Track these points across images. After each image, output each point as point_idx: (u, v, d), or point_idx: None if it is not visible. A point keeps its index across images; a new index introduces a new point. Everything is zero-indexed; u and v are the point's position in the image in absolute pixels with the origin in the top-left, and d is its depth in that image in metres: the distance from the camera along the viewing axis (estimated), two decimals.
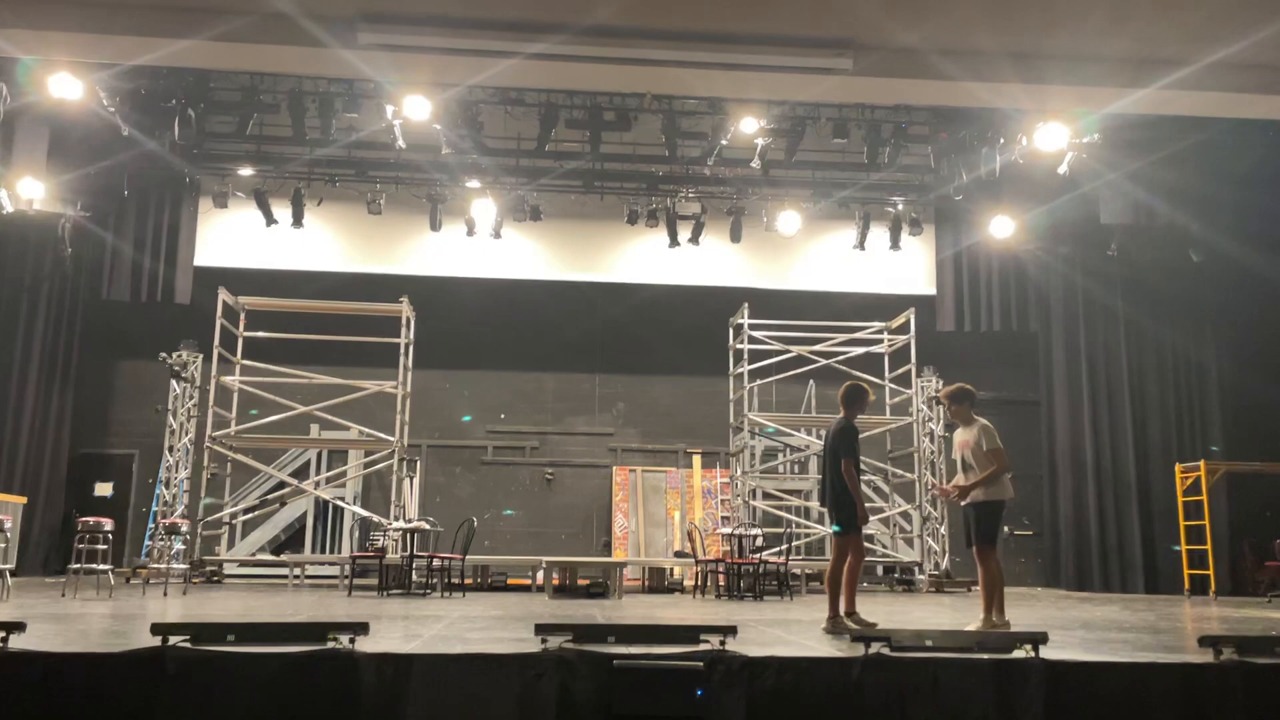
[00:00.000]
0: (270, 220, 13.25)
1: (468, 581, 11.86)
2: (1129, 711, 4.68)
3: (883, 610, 8.93)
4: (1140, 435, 14.36)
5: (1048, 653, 4.91)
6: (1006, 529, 7.76)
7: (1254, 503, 13.73)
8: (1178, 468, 13.68)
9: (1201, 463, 13.26)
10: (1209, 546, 12.91)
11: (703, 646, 4.91)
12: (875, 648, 4.90)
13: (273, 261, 14.43)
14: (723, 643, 4.90)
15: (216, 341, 12.82)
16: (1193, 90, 9.49)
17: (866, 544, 13.85)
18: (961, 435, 7.04)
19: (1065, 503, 14.42)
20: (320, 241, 14.60)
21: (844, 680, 4.74)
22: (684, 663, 4.72)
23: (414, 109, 10.57)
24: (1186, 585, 13.23)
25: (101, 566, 9.52)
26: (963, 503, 7.00)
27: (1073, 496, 14.40)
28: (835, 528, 6.82)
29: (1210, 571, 12.88)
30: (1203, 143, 10.73)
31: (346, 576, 11.26)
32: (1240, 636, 5.06)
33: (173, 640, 4.57)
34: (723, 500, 14.68)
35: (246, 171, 12.82)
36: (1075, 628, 7.30)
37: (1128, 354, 14.53)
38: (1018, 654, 4.90)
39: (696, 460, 15.18)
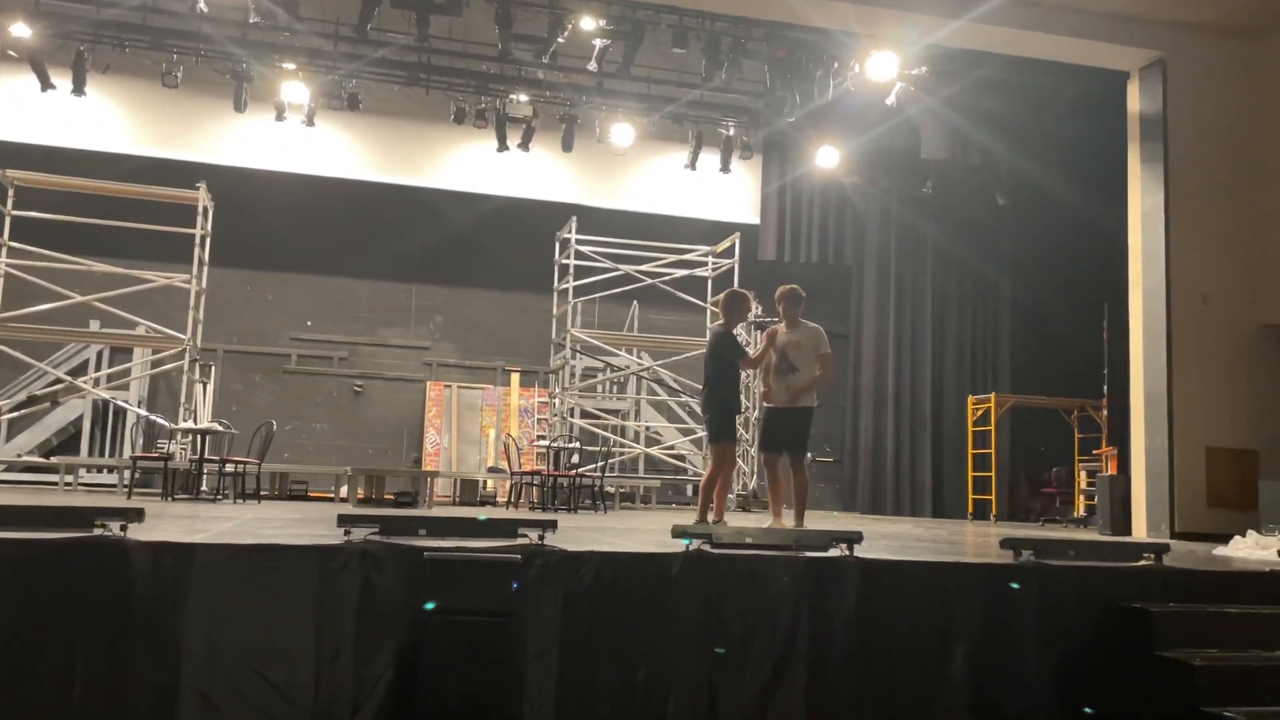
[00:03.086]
0: (46, 85, 11.72)
1: (264, 491, 11.16)
2: (935, 605, 4.83)
3: None
4: (938, 367, 15.19)
5: (860, 552, 5.00)
6: (810, 455, 8.00)
7: (1032, 435, 14.77)
8: (970, 399, 14.52)
9: (992, 395, 14.12)
10: (993, 474, 13.82)
11: (520, 541, 4.69)
12: (696, 544, 4.84)
13: (50, 138, 12.87)
14: (541, 537, 4.69)
15: None
16: (1006, 26, 9.80)
17: (679, 463, 14.25)
18: (788, 336, 7.19)
19: (865, 432, 15.09)
20: (107, 118, 13.14)
21: (663, 575, 4.65)
22: (500, 555, 4.49)
23: None
24: (970, 509, 14.16)
25: None
26: (768, 404, 7.16)
27: (872, 426, 15.09)
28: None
29: (993, 497, 13.81)
30: (1021, 80, 11.14)
31: (126, 484, 10.36)
32: (1038, 539, 5.33)
33: None
34: (540, 420, 14.46)
35: (19, 29, 11.25)
36: (878, 539, 7.56)
37: (933, 288, 15.25)
38: (833, 552, 4.96)
39: (515, 378, 14.85)
